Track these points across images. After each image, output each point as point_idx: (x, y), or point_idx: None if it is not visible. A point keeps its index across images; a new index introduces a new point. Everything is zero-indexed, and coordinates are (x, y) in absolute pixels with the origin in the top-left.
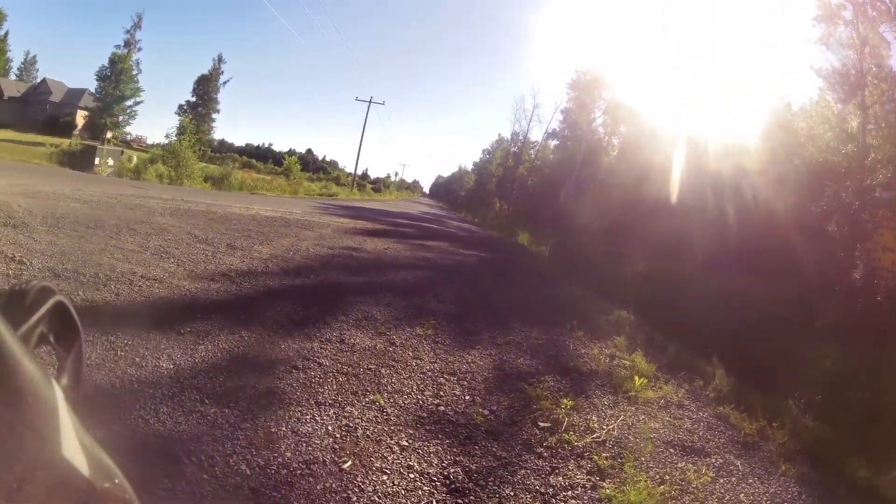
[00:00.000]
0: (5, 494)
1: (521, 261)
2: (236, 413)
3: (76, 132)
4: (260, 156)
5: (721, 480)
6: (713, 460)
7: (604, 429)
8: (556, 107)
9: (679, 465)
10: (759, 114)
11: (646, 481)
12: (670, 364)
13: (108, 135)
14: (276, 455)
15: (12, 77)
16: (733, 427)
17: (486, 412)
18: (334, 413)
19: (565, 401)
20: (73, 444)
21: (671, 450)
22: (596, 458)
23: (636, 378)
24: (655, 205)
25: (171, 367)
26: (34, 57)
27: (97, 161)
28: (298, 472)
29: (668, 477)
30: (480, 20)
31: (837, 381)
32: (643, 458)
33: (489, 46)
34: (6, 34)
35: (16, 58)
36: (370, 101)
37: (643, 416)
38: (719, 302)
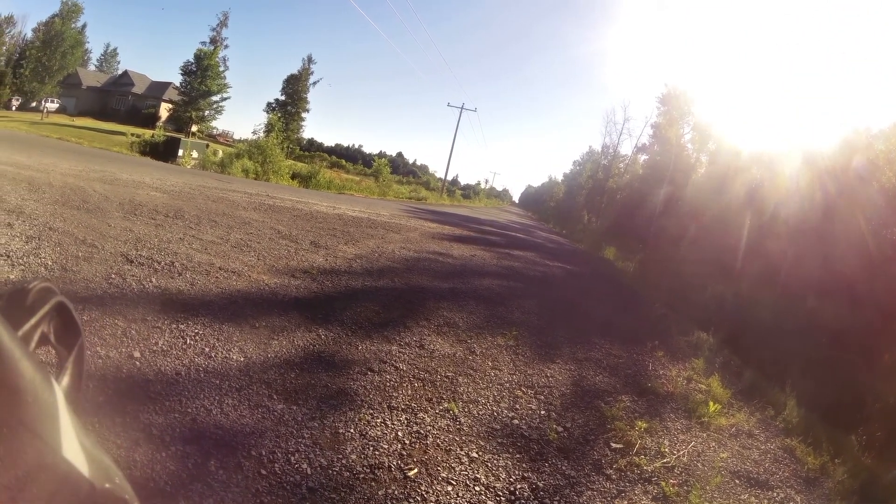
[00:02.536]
0: (6, 496)
1: (605, 276)
2: (304, 411)
3: (159, 124)
4: (349, 156)
5: None
6: (775, 494)
7: (674, 454)
8: (646, 121)
9: (742, 496)
10: (838, 132)
11: None
12: (745, 390)
13: (194, 128)
14: (340, 456)
15: (91, 68)
16: (798, 461)
17: (559, 429)
18: (406, 419)
19: (640, 422)
20: (74, 445)
21: (737, 480)
22: (663, 483)
23: (711, 403)
24: (742, 226)
25: (242, 359)
26: (115, 49)
27: (181, 153)
28: (361, 475)
29: None
30: (573, 32)
31: None
32: (709, 488)
33: (582, 57)
34: (84, 26)
35: (95, 49)
36: (462, 108)
37: (714, 444)
38: (802, 329)
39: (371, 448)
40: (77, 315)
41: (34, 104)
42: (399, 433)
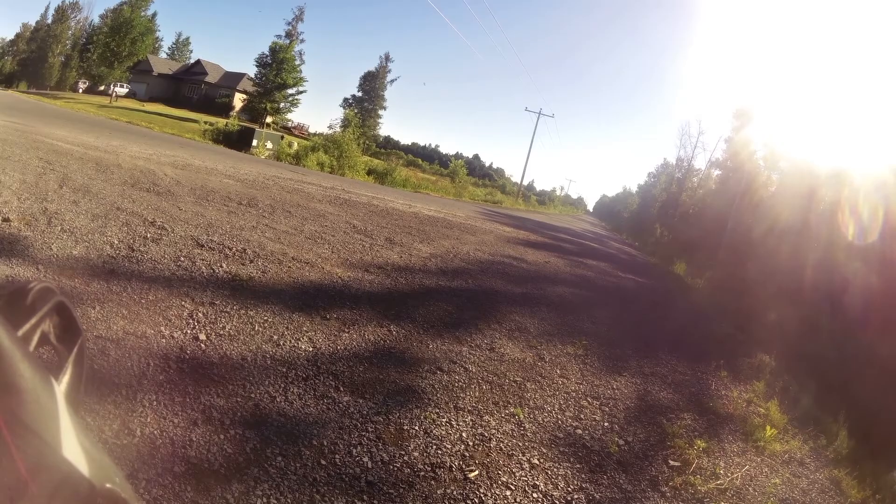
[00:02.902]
0: (6, 496)
1: (675, 291)
2: (370, 405)
3: (233, 113)
4: (426, 156)
5: None
6: None
7: (728, 476)
8: (720, 136)
9: None
10: None
11: None
12: (801, 417)
13: (268, 119)
14: (402, 453)
15: (162, 56)
16: (842, 493)
17: (621, 442)
18: (471, 420)
19: (699, 441)
20: (74, 445)
21: None
22: None
23: (768, 428)
24: (811, 249)
25: (311, 349)
26: (187, 39)
27: (255, 143)
28: (422, 473)
29: None
30: (651, 43)
31: None
32: None
33: (661, 68)
34: (154, 14)
35: (167, 38)
36: (539, 113)
37: (766, 469)
38: (862, 360)
39: (434, 447)
40: (77, 315)
41: (102, 88)
42: (463, 434)
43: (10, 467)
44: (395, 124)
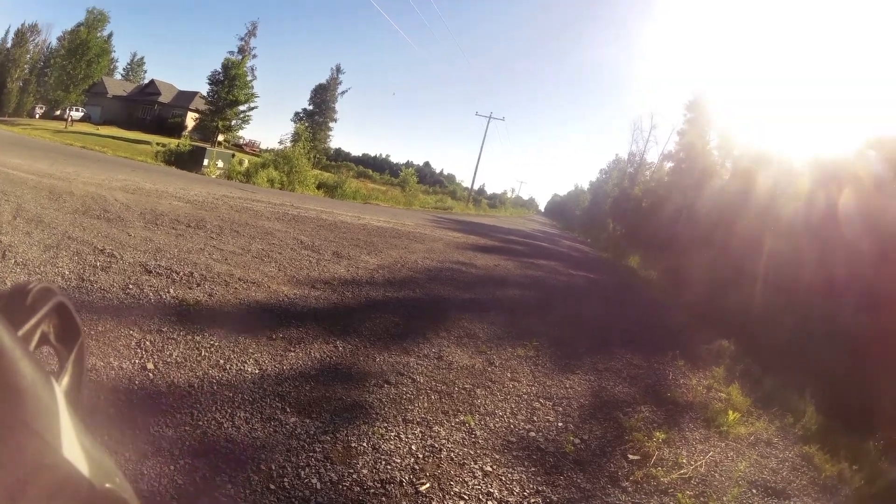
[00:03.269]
0: (7, 496)
1: (628, 285)
2: (317, 424)
3: (185, 133)
4: (376, 166)
5: None
6: (792, 503)
7: (692, 465)
8: (673, 128)
9: None
10: (871, 130)
11: None
12: (765, 398)
13: (220, 137)
14: (351, 471)
15: (117, 77)
16: (816, 468)
17: (577, 441)
18: (421, 432)
19: (658, 433)
20: (74, 445)
21: (754, 490)
22: (679, 496)
23: (730, 412)
24: (771, 233)
25: (257, 371)
26: (141, 58)
27: (206, 162)
28: (372, 490)
29: None
30: (601, 41)
31: None
32: (726, 499)
33: (610, 66)
34: (110, 35)
35: (121, 58)
36: (490, 117)
37: (732, 454)
38: (823, 336)
39: (383, 462)
40: (77, 315)
41: (58, 112)
42: (413, 447)
43: (10, 467)
44: (346, 136)
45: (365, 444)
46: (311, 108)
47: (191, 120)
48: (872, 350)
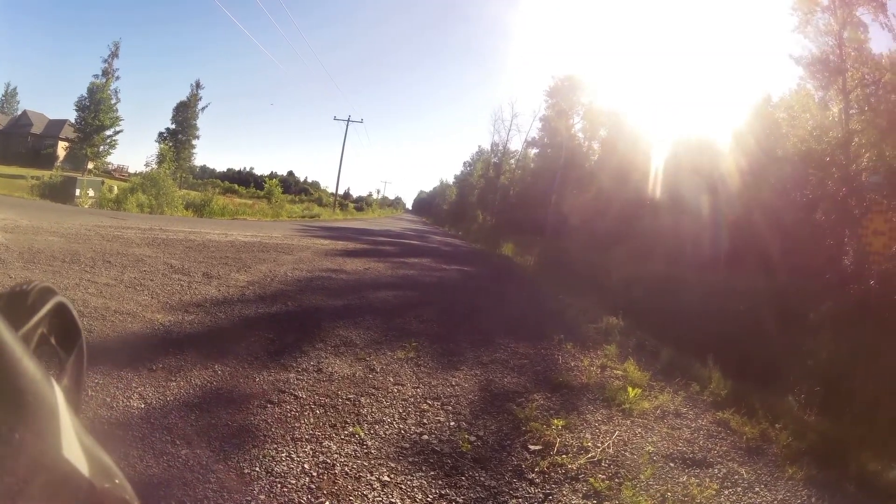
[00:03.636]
0: (7, 496)
1: (504, 273)
2: (208, 454)
3: (58, 163)
4: (241, 180)
5: (726, 492)
6: (716, 471)
7: (598, 447)
8: (535, 115)
9: (681, 479)
10: (739, 107)
11: (647, 501)
12: (664, 370)
13: (90, 165)
14: (248, 499)
15: None
16: (734, 433)
17: (472, 438)
18: (311, 449)
19: (556, 420)
20: (74, 445)
21: (671, 464)
22: (592, 480)
23: (630, 389)
24: (638, 207)
25: (143, 406)
26: (14, 89)
27: (78, 192)
28: None
29: (669, 494)
30: (457, 32)
31: (836, 371)
32: (642, 476)
33: (467, 59)
34: None
35: None
36: (348, 120)
37: (640, 430)
38: (710, 301)
39: (279, 485)
40: (77, 315)
41: None
42: (305, 465)
43: (10, 467)
44: (210, 152)
45: (258, 469)
46: (173, 126)
47: (62, 149)
48: (769, 309)
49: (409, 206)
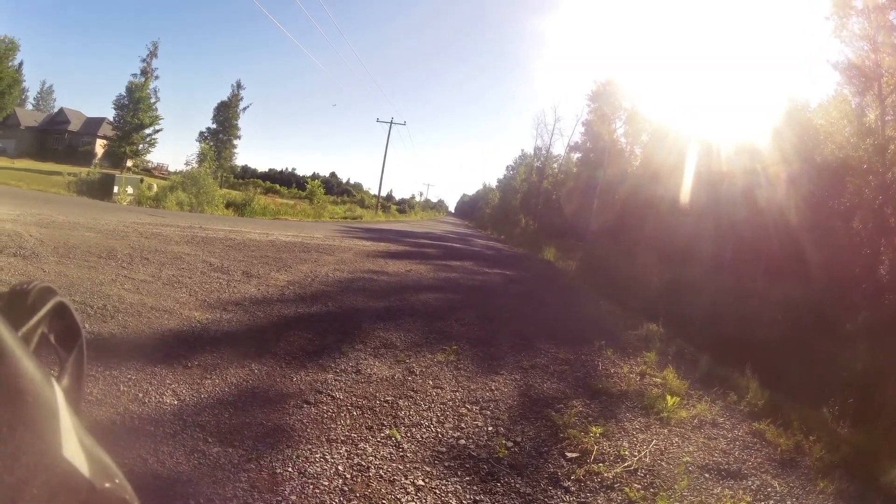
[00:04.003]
0: (7, 495)
1: (546, 277)
2: (240, 452)
3: (95, 161)
4: (283, 180)
5: None
6: (750, 483)
7: (635, 456)
8: (577, 119)
9: (715, 491)
10: (777, 113)
11: None
12: (703, 379)
13: (129, 163)
14: (279, 499)
15: (29, 107)
16: (769, 444)
17: (509, 444)
18: (346, 451)
19: (594, 428)
20: (74, 445)
21: (706, 475)
22: (627, 489)
23: (668, 397)
24: (679, 212)
25: (176, 402)
26: (51, 87)
27: (116, 189)
28: None
29: None
30: (502, 35)
31: (870, 382)
32: (677, 487)
33: (511, 62)
34: (20, 64)
35: (32, 87)
36: (391, 122)
37: (676, 439)
38: (748, 308)
39: (311, 486)
40: (77, 315)
41: None
42: (339, 467)
43: (10, 467)
44: (251, 152)
45: (290, 469)
46: (214, 126)
47: (100, 147)
48: (807, 320)
49: (451, 209)
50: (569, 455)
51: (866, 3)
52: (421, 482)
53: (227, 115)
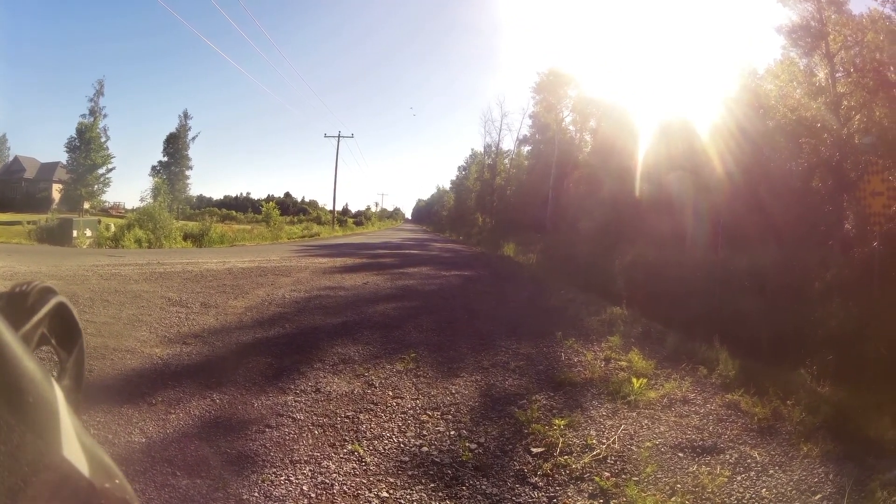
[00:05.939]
0: (7, 496)
1: (506, 273)
2: (208, 483)
3: (53, 206)
4: (239, 206)
5: (739, 478)
6: (728, 456)
7: (603, 444)
8: (524, 112)
9: (691, 469)
10: (726, 82)
11: (654, 496)
12: (670, 356)
13: (86, 205)
14: None
15: None
16: (745, 414)
17: (473, 446)
18: (310, 470)
19: (558, 420)
20: (74, 445)
21: (680, 454)
22: (597, 479)
23: (634, 380)
24: (634, 193)
25: (143, 440)
26: (4, 136)
27: (75, 233)
28: None
29: (679, 486)
30: (442, 39)
31: (847, 338)
32: (649, 470)
33: (455, 65)
34: None
35: None
36: (339, 136)
37: (646, 421)
38: (712, 281)
39: None
40: (77, 316)
41: None
42: (304, 487)
43: (10, 467)
44: (205, 181)
45: (256, 494)
46: (165, 159)
47: (56, 192)
48: (772, 283)
49: (408, 215)
50: (534, 450)
51: None
52: (385, 494)
53: (176, 146)
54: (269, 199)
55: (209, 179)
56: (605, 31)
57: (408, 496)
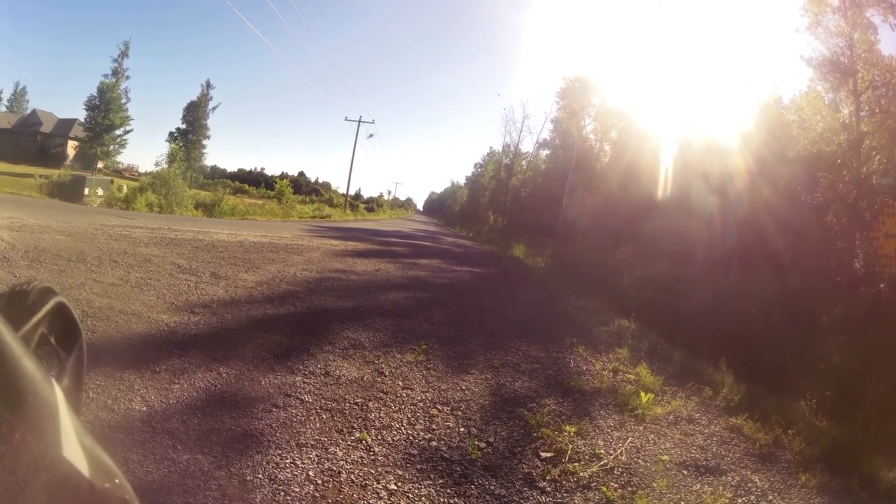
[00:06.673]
0: (7, 496)
1: (516, 274)
2: (210, 459)
3: (67, 163)
4: (252, 180)
5: (739, 501)
6: (729, 479)
7: (611, 454)
8: (546, 116)
9: (694, 487)
10: (749, 108)
11: None
12: (677, 374)
13: (100, 164)
14: None
15: (2, 109)
16: (747, 439)
17: (482, 445)
18: (316, 455)
19: (568, 426)
20: (74, 445)
21: (684, 471)
22: (604, 489)
23: (642, 394)
24: (650, 208)
25: (144, 409)
26: (24, 88)
27: (86, 191)
28: None
29: (682, 503)
30: (468, 34)
31: (848, 375)
32: (655, 485)
33: (479, 60)
34: None
35: (6, 89)
36: (359, 121)
37: (652, 436)
38: (722, 302)
39: (282, 493)
40: (77, 315)
41: None
42: (310, 473)
43: (10, 467)
44: (220, 152)
45: (261, 476)
46: (184, 126)
47: (71, 148)
48: (780, 312)
49: (420, 206)
50: (543, 455)
51: (843, 0)
52: (393, 486)
53: (196, 115)
54: (283, 176)
55: (225, 150)
56: (634, 45)
57: (416, 490)
